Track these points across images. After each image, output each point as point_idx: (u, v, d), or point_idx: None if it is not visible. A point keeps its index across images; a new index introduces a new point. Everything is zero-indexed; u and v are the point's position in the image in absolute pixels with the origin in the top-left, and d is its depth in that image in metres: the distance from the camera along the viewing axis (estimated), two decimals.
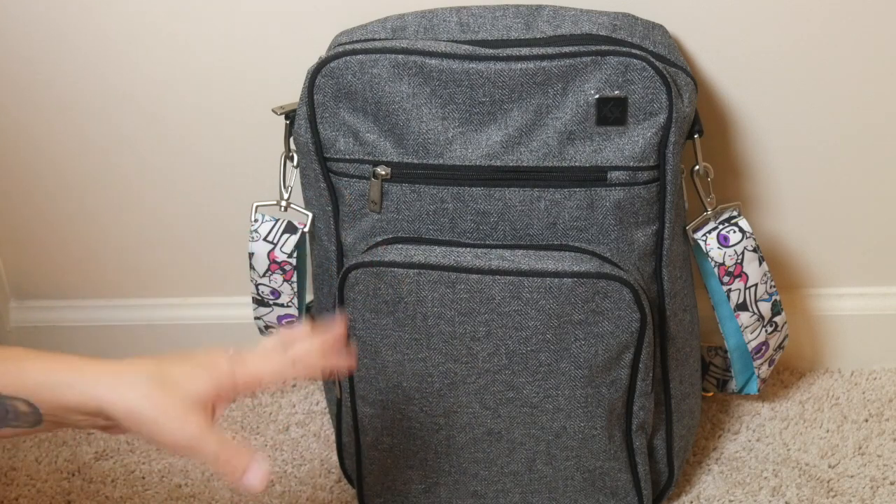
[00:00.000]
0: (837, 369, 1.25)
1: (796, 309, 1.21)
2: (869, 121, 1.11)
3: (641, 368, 0.98)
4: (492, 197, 0.97)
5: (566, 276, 0.94)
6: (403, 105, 0.96)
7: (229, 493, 1.13)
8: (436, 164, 0.97)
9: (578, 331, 0.95)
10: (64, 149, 1.18)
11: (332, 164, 1.00)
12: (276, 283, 1.07)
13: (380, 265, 0.96)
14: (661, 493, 1.08)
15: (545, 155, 0.96)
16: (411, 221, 0.99)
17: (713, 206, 1.04)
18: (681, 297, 1.03)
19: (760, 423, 1.18)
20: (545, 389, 0.98)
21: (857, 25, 1.06)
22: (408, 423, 1.01)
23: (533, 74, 0.94)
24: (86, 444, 1.20)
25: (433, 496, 1.05)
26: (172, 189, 1.20)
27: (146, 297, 1.28)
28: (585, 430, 0.99)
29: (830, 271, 1.21)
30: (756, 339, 1.08)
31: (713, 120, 1.10)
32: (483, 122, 0.96)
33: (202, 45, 1.10)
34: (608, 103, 0.94)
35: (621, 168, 0.95)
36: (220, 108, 1.14)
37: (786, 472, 1.12)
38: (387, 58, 0.95)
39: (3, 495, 1.14)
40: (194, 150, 1.17)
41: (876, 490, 1.09)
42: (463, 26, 0.98)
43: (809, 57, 1.08)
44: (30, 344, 1.28)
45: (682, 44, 1.07)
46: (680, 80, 0.97)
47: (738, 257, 1.04)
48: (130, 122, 1.16)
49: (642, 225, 0.98)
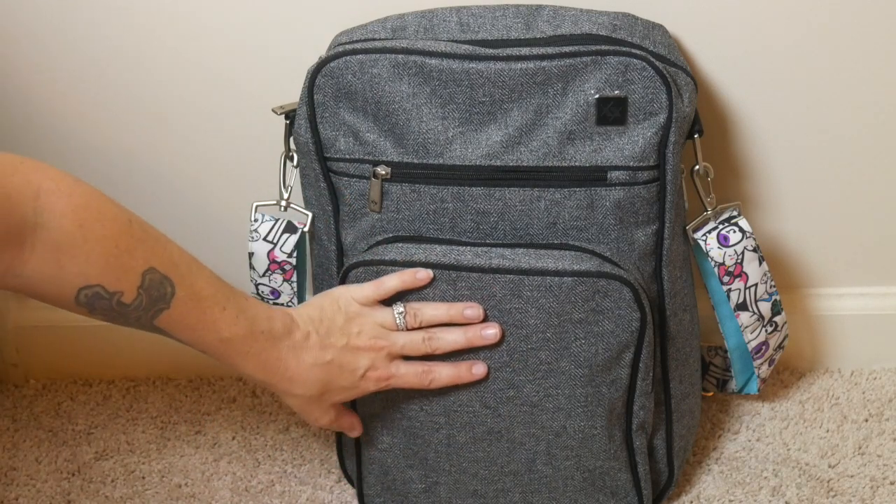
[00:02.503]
0: (837, 369, 1.25)
1: (796, 309, 1.21)
2: (869, 120, 1.11)
3: (641, 368, 0.98)
4: (492, 197, 0.97)
5: (566, 274, 0.94)
6: (403, 105, 0.96)
7: (229, 493, 1.13)
8: (436, 163, 0.97)
9: (578, 330, 0.95)
10: (63, 149, 1.17)
11: (332, 164, 1.00)
12: (276, 282, 1.07)
13: (380, 264, 0.96)
14: (661, 492, 1.08)
15: (545, 155, 0.96)
16: (411, 221, 0.99)
17: (713, 206, 1.05)
18: (681, 297, 1.03)
19: (760, 423, 1.18)
20: (545, 388, 0.98)
21: (858, 25, 1.06)
22: (408, 423, 1.01)
23: (533, 74, 0.94)
24: (86, 444, 1.20)
25: (433, 496, 1.05)
26: (172, 188, 1.20)
27: None
28: (585, 429, 0.99)
29: (830, 271, 1.21)
30: (756, 339, 1.08)
31: (713, 120, 1.10)
32: (483, 121, 0.96)
33: (202, 45, 1.10)
34: (608, 103, 0.94)
35: (621, 168, 0.95)
36: (220, 107, 1.14)
37: (786, 472, 1.12)
38: (387, 58, 0.95)
39: (3, 495, 1.14)
40: (194, 149, 1.17)
41: (876, 490, 1.09)
42: (463, 26, 0.98)
43: (809, 57, 1.08)
44: (30, 344, 1.28)
45: (682, 44, 1.07)
46: (680, 80, 0.97)
47: (738, 257, 1.04)
48: (130, 122, 1.16)
49: (642, 225, 0.98)
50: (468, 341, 0.96)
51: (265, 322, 0.91)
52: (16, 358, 1.29)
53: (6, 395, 1.28)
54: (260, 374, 0.92)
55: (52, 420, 1.24)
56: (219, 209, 1.20)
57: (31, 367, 1.30)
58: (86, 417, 1.24)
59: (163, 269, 0.84)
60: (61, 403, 1.26)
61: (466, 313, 0.95)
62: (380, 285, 0.96)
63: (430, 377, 0.97)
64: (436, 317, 0.96)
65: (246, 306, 0.90)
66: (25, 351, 1.29)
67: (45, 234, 0.78)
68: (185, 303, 0.86)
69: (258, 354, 0.91)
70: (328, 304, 0.95)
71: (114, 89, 1.14)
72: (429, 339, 0.96)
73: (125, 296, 0.83)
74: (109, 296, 0.82)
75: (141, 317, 0.85)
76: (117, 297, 0.83)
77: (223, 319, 0.88)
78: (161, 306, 0.85)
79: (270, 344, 0.91)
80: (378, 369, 0.96)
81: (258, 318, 0.91)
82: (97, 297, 0.82)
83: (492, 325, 0.95)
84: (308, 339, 0.93)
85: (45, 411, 1.25)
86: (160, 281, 0.84)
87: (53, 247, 0.79)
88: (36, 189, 0.78)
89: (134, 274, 0.83)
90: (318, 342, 0.93)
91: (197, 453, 1.18)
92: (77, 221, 0.79)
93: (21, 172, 0.78)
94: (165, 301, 0.85)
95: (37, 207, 0.78)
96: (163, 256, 0.85)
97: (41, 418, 1.24)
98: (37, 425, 1.23)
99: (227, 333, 0.89)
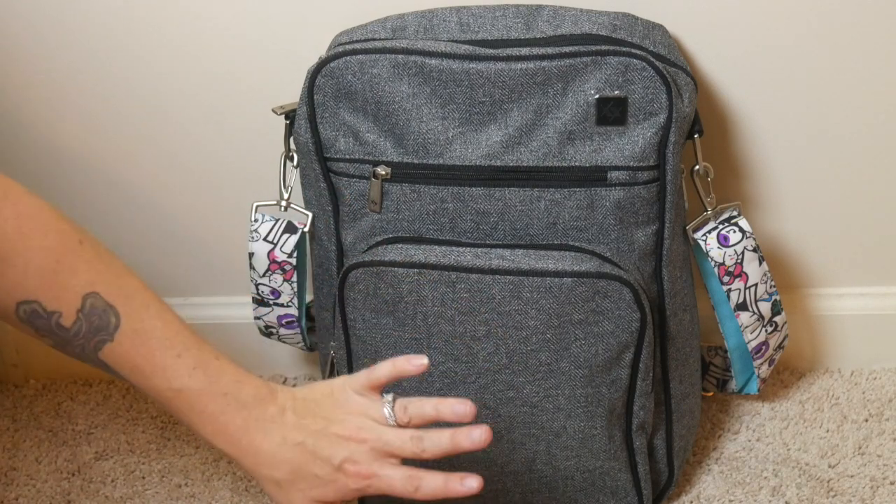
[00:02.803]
0: (837, 369, 1.25)
1: (796, 309, 1.21)
2: (869, 120, 1.11)
3: (641, 368, 0.98)
4: (492, 197, 0.97)
5: (566, 275, 0.94)
6: (403, 105, 0.96)
7: (229, 493, 1.13)
8: (436, 164, 0.97)
9: (578, 330, 0.95)
10: (63, 149, 1.17)
11: (332, 164, 1.00)
12: (276, 282, 1.07)
13: (380, 265, 0.96)
14: (661, 492, 1.08)
15: (545, 155, 0.96)
16: (411, 221, 0.99)
17: (713, 206, 1.05)
18: (681, 297, 1.03)
19: (760, 423, 1.18)
20: (545, 389, 0.98)
21: (858, 25, 1.06)
22: None
23: (533, 74, 0.94)
24: (86, 444, 1.20)
25: None
26: (173, 188, 1.20)
27: None
28: (585, 429, 0.99)
29: (830, 271, 1.21)
30: (756, 338, 1.08)
31: (713, 120, 1.10)
32: (483, 121, 0.96)
33: (202, 45, 1.10)
34: (608, 103, 0.94)
35: (621, 168, 0.95)
36: (220, 107, 1.14)
37: (786, 471, 1.12)
38: (387, 58, 0.95)
39: (3, 495, 1.14)
40: (194, 149, 1.17)
41: (876, 490, 1.09)
42: (463, 26, 0.98)
43: (809, 57, 1.08)
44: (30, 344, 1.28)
45: (682, 44, 1.07)
46: (680, 80, 0.97)
47: (738, 257, 1.04)
48: (130, 122, 1.16)
49: (642, 225, 0.98)
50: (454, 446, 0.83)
51: (231, 385, 0.82)
52: (16, 358, 1.29)
53: (6, 395, 1.28)
54: (220, 442, 0.83)
55: (52, 420, 1.24)
56: (219, 209, 1.20)
57: (31, 367, 1.30)
58: (86, 417, 1.24)
59: (109, 297, 0.79)
60: (61, 403, 1.26)
61: (456, 409, 0.83)
62: (371, 372, 0.85)
63: (416, 483, 0.82)
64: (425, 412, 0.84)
65: (210, 363, 0.82)
66: (25, 351, 1.29)
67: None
68: (131, 338, 0.80)
69: (216, 417, 0.82)
70: (320, 388, 0.87)
71: (113, 89, 1.14)
72: (418, 438, 0.83)
73: (63, 318, 0.78)
74: (48, 315, 0.78)
75: (84, 346, 0.79)
76: (56, 317, 0.78)
77: (174, 367, 0.81)
78: (103, 337, 0.79)
79: (233, 409, 0.82)
80: (358, 464, 0.83)
81: (222, 379, 0.82)
82: (35, 315, 0.78)
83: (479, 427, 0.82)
84: (283, 416, 0.83)
85: (45, 411, 1.25)
86: (103, 308, 0.79)
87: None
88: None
89: (73, 294, 0.78)
90: (293, 421, 0.84)
91: (197, 453, 1.18)
92: (19, 229, 0.76)
93: None
94: (108, 332, 0.79)
95: None
96: (112, 284, 0.80)
97: (41, 418, 1.24)
98: (37, 425, 1.23)
99: (177, 384, 0.81)
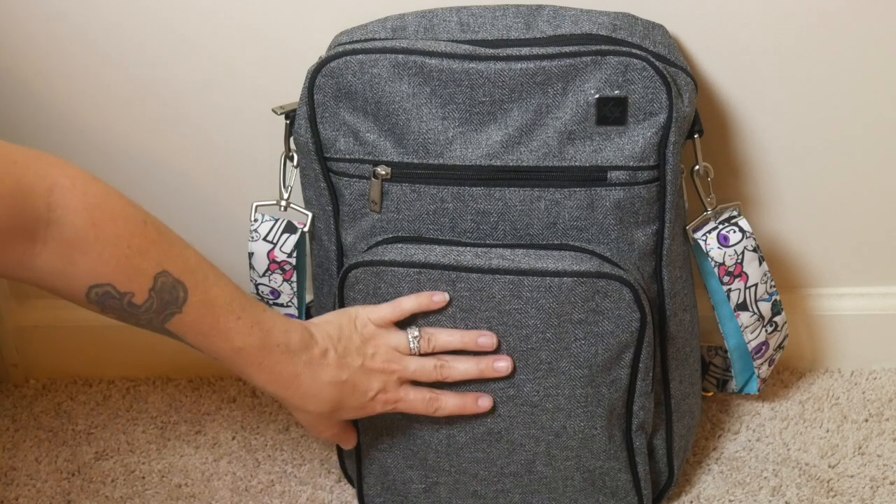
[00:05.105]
0: (837, 369, 1.25)
1: (796, 309, 1.21)
2: (869, 120, 1.11)
3: (641, 368, 0.98)
4: (492, 197, 0.97)
5: (566, 275, 0.94)
6: (403, 105, 0.96)
7: (229, 493, 1.13)
8: (436, 163, 0.97)
9: (578, 330, 0.95)
10: (62, 149, 1.17)
11: (332, 164, 1.00)
12: (276, 282, 1.07)
13: (380, 264, 0.96)
14: (661, 492, 1.08)
15: (545, 155, 0.96)
16: (411, 221, 0.99)
17: (713, 206, 1.05)
18: (681, 297, 1.03)
19: (760, 423, 1.18)
20: (545, 388, 0.98)
21: (857, 25, 1.06)
22: (408, 423, 1.01)
23: (533, 74, 0.94)
24: (86, 444, 1.20)
25: (433, 496, 1.05)
26: (172, 188, 1.20)
27: None
28: (585, 429, 0.99)
29: (830, 271, 1.21)
30: (756, 338, 1.08)
31: (713, 120, 1.10)
32: (483, 121, 0.96)
33: (202, 45, 1.10)
34: (608, 103, 0.94)
35: (621, 168, 0.95)
36: (220, 107, 1.14)
37: (786, 472, 1.12)
38: (387, 58, 0.95)
39: (3, 495, 1.14)
40: (194, 149, 1.17)
41: (876, 490, 1.09)
42: (463, 26, 0.98)
43: (810, 57, 1.08)
44: (30, 344, 1.28)
45: (682, 44, 1.07)
46: (680, 80, 0.97)
47: (738, 257, 1.04)
48: (130, 122, 1.16)
49: (642, 225, 0.98)
50: (480, 372, 0.96)
51: (282, 335, 0.91)
52: (16, 358, 1.29)
53: (6, 395, 1.28)
54: (273, 388, 0.92)
55: (52, 420, 1.24)
56: (219, 209, 1.20)
57: (31, 367, 1.30)
58: (86, 417, 1.24)
59: (176, 273, 0.84)
60: (61, 403, 1.26)
61: (480, 341, 0.95)
62: (396, 307, 0.95)
63: (436, 405, 0.97)
64: (449, 343, 0.96)
65: (263, 318, 0.90)
66: (25, 351, 1.29)
67: (58, 230, 0.79)
68: (198, 309, 0.86)
69: (272, 367, 0.90)
70: (346, 323, 0.95)
71: (113, 89, 1.14)
72: (440, 366, 0.96)
73: (136, 297, 0.83)
74: (120, 296, 0.82)
75: (152, 319, 0.85)
76: (128, 297, 0.83)
77: (237, 329, 0.88)
78: (173, 310, 0.85)
79: (286, 357, 0.91)
80: (388, 392, 0.96)
81: (274, 331, 0.90)
82: (108, 297, 0.82)
83: (503, 358, 0.96)
84: (326, 357, 0.93)
85: (45, 411, 1.25)
86: (172, 285, 0.84)
87: (65, 243, 0.79)
88: (50, 184, 0.78)
89: (145, 276, 0.83)
90: (335, 360, 0.93)
91: (197, 453, 1.18)
92: (90, 220, 0.79)
93: (36, 167, 0.78)
94: (177, 305, 0.85)
95: (50, 203, 0.78)
96: (177, 260, 0.85)
97: (41, 418, 1.24)
98: (37, 425, 1.23)
99: (240, 343, 0.88)
